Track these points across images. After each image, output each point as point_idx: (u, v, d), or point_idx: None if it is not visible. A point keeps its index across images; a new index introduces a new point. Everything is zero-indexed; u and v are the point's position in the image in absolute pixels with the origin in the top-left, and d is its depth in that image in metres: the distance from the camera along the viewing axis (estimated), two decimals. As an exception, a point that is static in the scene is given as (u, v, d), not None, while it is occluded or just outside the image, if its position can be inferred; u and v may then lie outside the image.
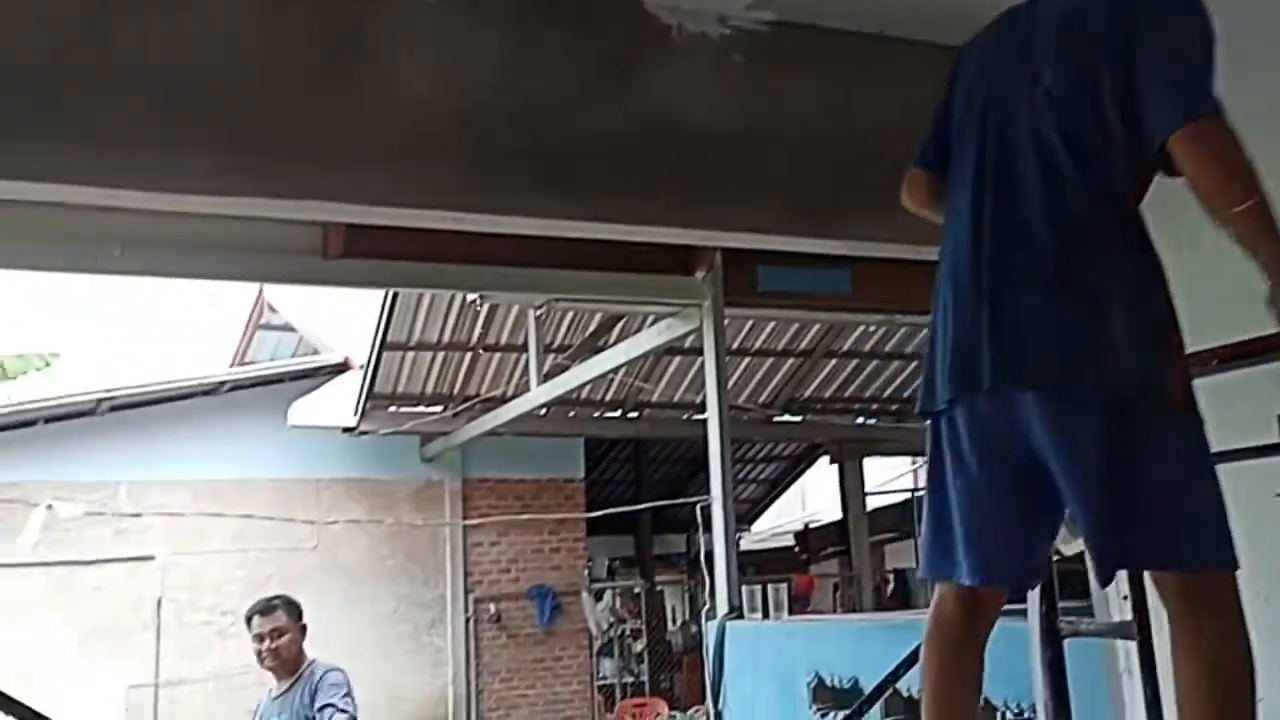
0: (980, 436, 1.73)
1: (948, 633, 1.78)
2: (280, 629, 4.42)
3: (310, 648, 4.76)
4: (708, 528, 5.69)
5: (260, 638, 4.40)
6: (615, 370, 7.92)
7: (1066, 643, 2.43)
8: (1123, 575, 2.70)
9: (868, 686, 3.91)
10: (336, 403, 9.64)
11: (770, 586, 5.20)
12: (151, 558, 9.26)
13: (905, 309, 6.69)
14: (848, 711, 3.89)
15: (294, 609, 4.53)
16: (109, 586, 9.14)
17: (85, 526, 9.06)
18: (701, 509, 5.70)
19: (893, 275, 6.20)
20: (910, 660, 3.22)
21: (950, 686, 1.78)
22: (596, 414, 10.82)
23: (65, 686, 8.02)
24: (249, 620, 4.49)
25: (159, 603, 9.22)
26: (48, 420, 9.03)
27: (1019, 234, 1.71)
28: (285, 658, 4.42)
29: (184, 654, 9.13)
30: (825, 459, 14.29)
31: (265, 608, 4.47)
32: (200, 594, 9.34)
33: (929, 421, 1.87)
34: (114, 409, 9.16)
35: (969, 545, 1.72)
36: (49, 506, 8.65)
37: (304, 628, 4.54)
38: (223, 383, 9.78)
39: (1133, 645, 2.36)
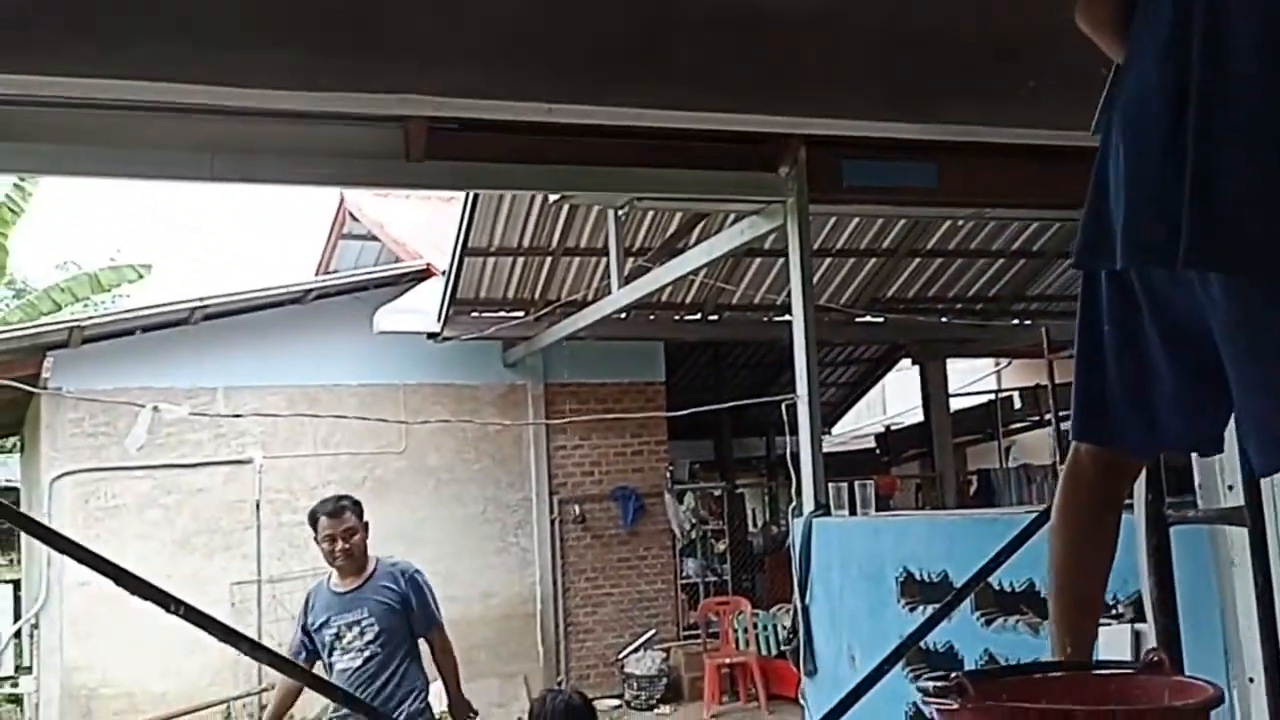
0: (1159, 306, 1.55)
1: (1087, 497, 1.67)
2: (351, 529, 4.55)
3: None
4: (793, 427, 5.69)
5: (332, 538, 4.52)
6: (696, 272, 7.88)
7: (1171, 532, 2.40)
8: (1231, 462, 2.64)
9: (958, 580, 3.90)
10: (420, 309, 9.78)
11: (856, 483, 5.20)
12: (249, 461, 9.59)
13: (993, 202, 6.51)
14: (937, 605, 3.89)
15: (359, 508, 4.66)
16: (210, 489, 9.51)
17: (186, 431, 9.40)
18: (786, 407, 5.69)
19: (981, 167, 6.05)
20: (1004, 553, 3.19)
21: (1083, 554, 1.69)
22: (677, 317, 10.82)
23: (175, 582, 8.40)
24: (315, 521, 4.61)
25: (257, 504, 9.57)
26: (145, 329, 9.31)
27: (1233, 96, 1.42)
28: (356, 555, 4.57)
29: (283, 553, 9.50)
30: (906, 361, 14.18)
31: (334, 509, 4.59)
32: (296, 496, 9.67)
33: (1084, 274, 1.67)
34: (207, 317, 9.41)
35: (1132, 411, 1.59)
36: (155, 408, 8.99)
37: (367, 525, 4.66)
38: (309, 290, 9.96)
39: (1241, 533, 2.32)
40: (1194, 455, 3.00)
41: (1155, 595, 2.31)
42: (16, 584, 11.78)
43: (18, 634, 10.22)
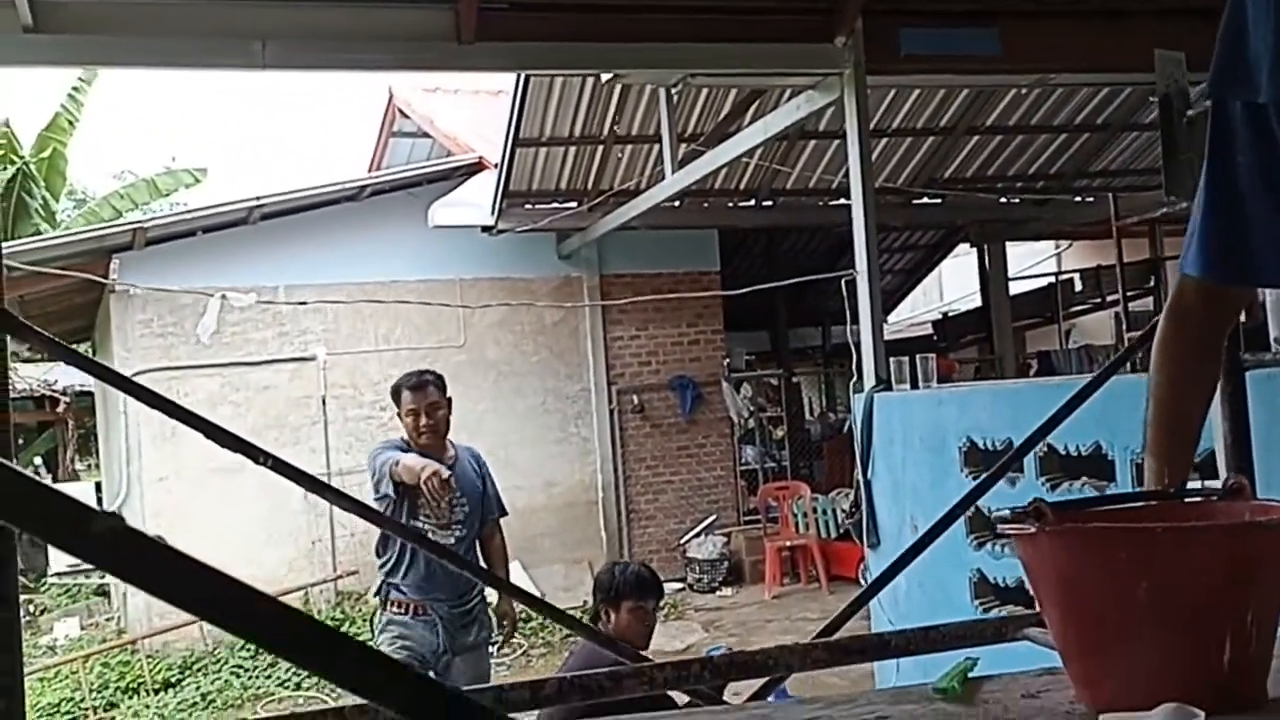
0: None
1: (1195, 331, 1.60)
2: (435, 403, 4.50)
3: (463, 438, 4.94)
4: (852, 311, 5.64)
5: (416, 413, 4.45)
6: (750, 154, 7.76)
7: (1247, 376, 2.37)
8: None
9: (1023, 447, 3.90)
10: (474, 203, 9.78)
11: (918, 356, 5.17)
12: (312, 358, 9.77)
13: (1059, 68, 6.30)
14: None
15: (442, 383, 4.58)
16: (277, 385, 9.71)
17: (250, 330, 9.58)
18: (846, 284, 5.65)
19: (1046, 31, 5.86)
20: (1065, 410, 3.17)
21: (1188, 386, 1.63)
22: (731, 204, 10.72)
23: (248, 474, 8.62)
24: (397, 394, 4.53)
25: (323, 400, 9.78)
26: (206, 230, 9.42)
27: None
28: (441, 431, 4.52)
29: (350, 447, 9.72)
30: (963, 247, 13.96)
31: (417, 383, 4.51)
32: (360, 391, 9.87)
33: (1215, 107, 1.56)
34: (265, 217, 9.48)
35: (1259, 243, 1.55)
36: (224, 297, 9.17)
37: (450, 401, 4.60)
38: (364, 187, 9.98)
39: (1319, 378, 2.29)
40: (1269, 307, 2.95)
41: (1229, 440, 2.30)
42: (98, 486, 12.23)
43: (102, 529, 10.60)
